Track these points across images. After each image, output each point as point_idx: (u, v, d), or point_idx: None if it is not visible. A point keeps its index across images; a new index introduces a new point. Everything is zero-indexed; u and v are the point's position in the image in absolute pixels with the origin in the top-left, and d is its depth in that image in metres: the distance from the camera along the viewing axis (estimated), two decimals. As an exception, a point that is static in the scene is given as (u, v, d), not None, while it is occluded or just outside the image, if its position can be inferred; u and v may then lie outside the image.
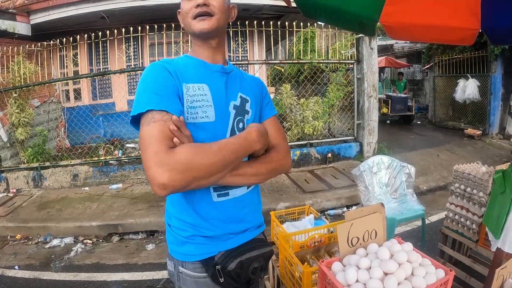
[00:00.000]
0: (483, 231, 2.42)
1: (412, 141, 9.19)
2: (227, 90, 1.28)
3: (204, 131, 1.19)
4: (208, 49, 1.28)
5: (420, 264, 1.30)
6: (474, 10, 2.21)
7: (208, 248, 1.24)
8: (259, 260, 1.28)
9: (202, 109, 1.19)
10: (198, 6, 1.18)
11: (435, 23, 2.31)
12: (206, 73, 1.25)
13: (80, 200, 5.31)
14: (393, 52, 15.66)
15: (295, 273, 2.00)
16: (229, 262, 1.21)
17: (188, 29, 1.24)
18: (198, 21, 1.20)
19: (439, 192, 5.66)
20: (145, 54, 8.09)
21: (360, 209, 1.47)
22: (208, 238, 1.24)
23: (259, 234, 1.39)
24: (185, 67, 1.23)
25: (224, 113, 1.25)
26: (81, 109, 7.34)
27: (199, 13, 1.19)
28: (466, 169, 2.65)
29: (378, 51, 7.14)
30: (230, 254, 1.23)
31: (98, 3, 6.74)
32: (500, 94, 9.33)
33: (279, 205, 4.79)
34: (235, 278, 1.23)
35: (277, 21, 6.48)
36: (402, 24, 2.31)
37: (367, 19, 2.22)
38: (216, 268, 1.21)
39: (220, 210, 1.24)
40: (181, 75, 1.19)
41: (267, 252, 1.32)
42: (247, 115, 1.33)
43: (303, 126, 6.68)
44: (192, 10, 1.20)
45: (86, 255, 4.01)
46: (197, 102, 1.18)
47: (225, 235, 1.26)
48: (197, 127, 1.17)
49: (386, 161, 3.80)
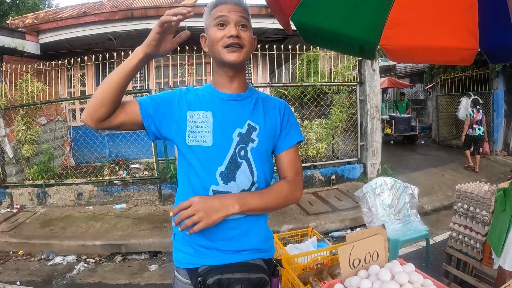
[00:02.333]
0: (487, 250, 2.41)
1: (416, 161, 9.18)
2: (233, 117, 1.31)
3: (200, 153, 1.26)
4: (227, 77, 1.33)
5: (422, 285, 1.31)
6: (472, 30, 2.25)
7: (193, 259, 1.29)
8: (242, 283, 1.26)
9: (201, 134, 1.26)
10: (230, 37, 1.22)
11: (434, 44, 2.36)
12: (215, 101, 1.31)
13: (84, 219, 5.32)
14: (396, 73, 15.81)
15: (298, 295, 1.99)
16: (209, 277, 1.24)
17: (217, 57, 1.27)
18: (228, 51, 1.24)
19: (444, 211, 5.62)
20: (151, 76, 8.22)
21: (361, 231, 1.49)
22: (195, 250, 1.29)
23: (256, 259, 1.35)
24: (200, 96, 1.32)
25: (225, 140, 1.28)
26: (87, 129, 7.39)
27: (231, 44, 1.23)
28: (468, 188, 2.65)
29: (380, 72, 7.21)
30: (211, 270, 1.26)
31: (105, 25, 6.90)
32: (503, 110, 9.39)
33: (282, 227, 4.77)
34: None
35: (281, 44, 6.59)
36: (402, 46, 2.36)
37: (367, 43, 2.26)
38: (198, 278, 1.26)
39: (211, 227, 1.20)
40: (190, 103, 1.29)
41: (255, 278, 1.29)
42: (252, 143, 1.32)
43: (307, 148, 6.69)
44: (224, 40, 1.23)
45: (89, 274, 4.00)
46: (197, 128, 1.26)
47: (211, 250, 1.29)
48: (194, 150, 1.26)
49: (389, 182, 3.80)
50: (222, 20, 1.24)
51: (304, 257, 2.27)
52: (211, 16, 1.28)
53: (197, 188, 1.27)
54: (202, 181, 1.26)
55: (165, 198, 5.91)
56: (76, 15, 6.98)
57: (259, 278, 1.30)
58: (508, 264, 1.66)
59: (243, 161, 1.30)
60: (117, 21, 6.86)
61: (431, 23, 2.25)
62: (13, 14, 12.75)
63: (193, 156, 1.26)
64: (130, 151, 6.88)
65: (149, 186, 6.01)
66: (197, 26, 6.65)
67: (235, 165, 1.28)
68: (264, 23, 7.30)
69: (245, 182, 1.30)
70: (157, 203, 5.92)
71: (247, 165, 1.31)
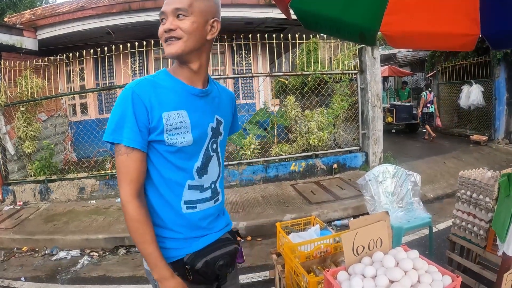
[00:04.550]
0: (491, 237, 2.40)
1: (418, 149, 9.16)
2: (205, 113, 1.35)
3: (181, 153, 1.28)
4: (187, 71, 1.31)
5: (426, 271, 1.30)
6: (473, 16, 2.22)
7: (176, 252, 1.32)
8: (224, 258, 1.35)
9: (181, 135, 1.25)
10: (164, 32, 1.23)
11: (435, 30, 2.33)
12: (185, 98, 1.29)
13: (87, 213, 5.33)
14: (396, 61, 15.70)
15: (301, 284, 1.99)
16: (196, 262, 1.30)
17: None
18: (167, 45, 1.24)
19: (447, 199, 5.61)
20: (150, 68, 8.20)
21: (364, 217, 1.48)
22: (175, 242, 1.33)
23: (225, 233, 1.47)
24: (165, 91, 1.26)
25: (202, 136, 1.33)
26: (87, 123, 7.40)
27: (167, 38, 1.23)
28: (471, 175, 2.64)
29: (381, 61, 7.16)
30: (196, 255, 1.32)
31: (103, 19, 6.86)
32: (504, 98, 9.30)
33: (285, 216, 4.77)
34: (203, 275, 1.32)
35: (280, 33, 6.55)
36: (402, 32, 2.33)
37: (367, 29, 2.24)
38: (185, 268, 1.30)
39: (187, 220, 1.33)
40: (160, 103, 1.24)
41: (231, 250, 1.39)
42: (220, 136, 1.42)
43: (308, 137, 6.68)
44: (163, 35, 1.24)
45: (93, 267, 4.02)
46: (176, 130, 1.25)
47: (189, 239, 1.34)
48: (174, 150, 1.26)
49: (391, 170, 3.79)
50: (162, 16, 1.24)
51: (307, 245, 2.27)
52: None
53: (172, 184, 1.30)
54: (179, 178, 1.30)
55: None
56: (74, 9, 6.91)
57: (233, 249, 1.41)
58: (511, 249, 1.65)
59: (214, 154, 1.39)
60: (114, 14, 6.83)
61: (431, 9, 2.22)
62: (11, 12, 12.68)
63: (172, 155, 1.27)
64: (131, 144, 6.88)
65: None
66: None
67: (208, 159, 1.36)
68: (263, 12, 7.26)
69: (215, 174, 1.40)
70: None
71: (216, 158, 1.40)
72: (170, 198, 1.30)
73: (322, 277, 1.80)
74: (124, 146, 1.19)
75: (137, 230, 1.21)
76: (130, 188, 1.21)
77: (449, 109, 11.33)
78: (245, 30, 5.44)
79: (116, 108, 1.22)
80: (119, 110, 1.20)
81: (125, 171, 1.21)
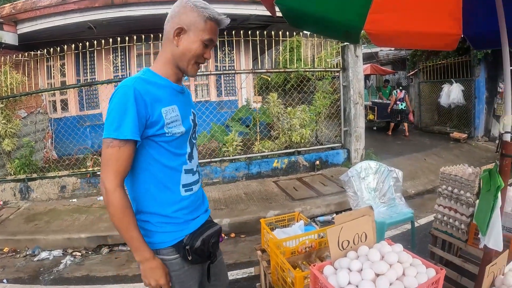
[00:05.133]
0: (472, 231, 2.47)
1: (399, 146, 9.31)
2: (186, 107, 1.52)
3: (177, 142, 1.44)
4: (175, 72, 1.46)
5: (411, 264, 1.33)
6: (456, 16, 2.27)
7: (177, 234, 1.44)
8: (214, 236, 1.51)
9: (177, 127, 1.41)
10: (205, 59, 1.44)
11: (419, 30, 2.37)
12: (174, 95, 1.46)
13: (69, 212, 5.23)
14: (378, 60, 15.89)
15: (287, 279, 2.01)
16: (195, 241, 1.43)
17: (183, 65, 1.42)
18: (196, 69, 1.46)
19: (427, 195, 5.74)
20: (132, 64, 8.08)
21: (349, 212, 1.50)
22: (176, 226, 1.45)
23: (208, 217, 1.65)
24: (159, 89, 1.39)
25: (188, 126, 1.50)
26: (68, 120, 7.28)
27: (200, 63, 1.45)
28: (452, 171, 2.70)
29: (363, 59, 7.24)
30: (193, 235, 1.46)
31: (85, 13, 6.73)
32: (484, 97, 9.55)
33: (268, 213, 4.79)
34: (200, 254, 1.44)
35: (264, 30, 6.54)
36: (386, 31, 2.37)
37: (352, 27, 2.26)
38: (185, 248, 1.42)
39: (185, 203, 1.48)
40: (159, 100, 1.37)
41: (218, 229, 1.56)
42: (196, 127, 1.60)
43: (291, 134, 6.72)
44: (200, 58, 1.42)
45: (76, 267, 3.95)
46: (172, 122, 1.39)
47: (187, 221, 1.48)
48: (172, 139, 1.41)
49: (373, 166, 3.85)
50: (210, 43, 1.41)
51: (292, 241, 2.29)
52: (203, 26, 1.37)
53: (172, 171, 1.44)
54: (177, 163, 1.45)
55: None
56: (55, 3, 6.75)
57: (219, 228, 1.57)
58: (492, 242, 1.70)
59: (195, 142, 1.59)
60: (97, 9, 6.70)
61: (415, 9, 2.25)
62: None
63: (170, 144, 1.41)
64: (113, 141, 6.79)
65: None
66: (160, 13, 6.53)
67: (192, 146, 1.55)
68: (247, 9, 7.25)
69: (196, 159, 1.60)
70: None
71: (195, 145, 1.60)
72: (171, 184, 1.44)
73: (308, 272, 1.81)
74: (118, 140, 1.27)
75: (123, 217, 1.30)
76: (116, 178, 1.29)
77: (430, 107, 11.56)
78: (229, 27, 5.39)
79: (116, 105, 1.30)
80: (120, 107, 1.29)
81: (114, 162, 1.28)
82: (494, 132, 9.55)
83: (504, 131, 1.73)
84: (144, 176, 1.41)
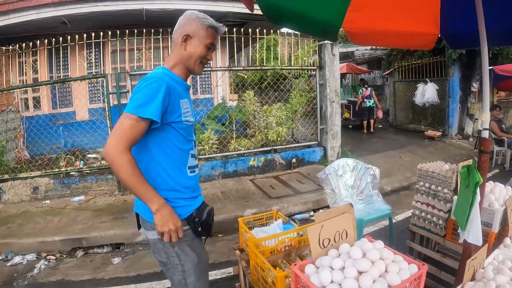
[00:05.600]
0: (450, 226, 2.51)
1: (375, 144, 9.45)
2: (190, 102, 1.76)
3: (189, 130, 1.70)
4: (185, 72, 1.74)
5: (393, 261, 1.33)
6: (434, 16, 2.31)
7: (188, 208, 1.69)
8: (211, 212, 1.78)
9: (189, 117, 1.68)
10: (208, 60, 1.74)
11: (397, 29, 2.40)
12: (185, 91, 1.74)
13: (42, 214, 5.05)
14: (354, 59, 16.08)
15: (268, 279, 1.98)
16: (202, 213, 1.71)
17: (191, 65, 1.70)
18: (202, 67, 1.74)
19: (403, 192, 5.85)
20: (107, 61, 7.89)
21: (329, 210, 1.49)
22: (187, 201, 1.70)
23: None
24: (177, 85, 1.65)
25: (194, 118, 1.77)
26: (40, 118, 7.00)
27: (204, 63, 1.74)
28: (430, 167, 2.74)
29: (339, 58, 7.30)
30: (199, 209, 1.73)
31: (59, 7, 6.50)
32: (458, 97, 9.86)
33: (245, 211, 4.76)
34: (205, 225, 1.71)
35: (241, 28, 6.50)
36: (364, 30, 2.38)
37: (330, 25, 2.26)
38: (195, 220, 1.68)
39: (191, 182, 1.73)
40: (179, 93, 1.64)
41: (212, 207, 1.80)
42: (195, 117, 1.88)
43: (267, 132, 6.70)
44: (204, 58, 1.71)
45: (50, 272, 3.80)
46: (187, 113, 1.67)
47: (194, 197, 1.75)
48: (187, 126, 1.67)
49: (350, 163, 3.88)
50: (212, 46, 1.71)
51: (271, 240, 2.27)
52: (205, 33, 1.67)
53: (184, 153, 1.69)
54: (188, 147, 1.71)
55: (124, 187, 5.71)
56: (28, -3, 6.51)
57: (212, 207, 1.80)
58: (472, 237, 1.74)
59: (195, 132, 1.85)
60: (71, 3, 6.49)
61: (394, 8, 2.27)
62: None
63: (184, 131, 1.66)
64: (86, 140, 6.60)
65: (107, 176, 5.81)
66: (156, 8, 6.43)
67: (195, 134, 1.82)
68: (225, 6, 7.19)
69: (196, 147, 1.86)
70: (117, 193, 5.73)
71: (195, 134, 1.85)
72: (181, 164, 1.68)
73: (289, 272, 1.80)
74: (137, 116, 1.46)
75: (134, 173, 1.46)
76: (126, 144, 1.45)
77: (405, 105, 11.80)
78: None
79: (147, 89, 1.51)
80: (150, 92, 1.50)
81: (129, 131, 1.46)
82: (468, 130, 9.87)
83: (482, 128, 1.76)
84: (161, 157, 1.62)
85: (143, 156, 1.62)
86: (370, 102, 11.07)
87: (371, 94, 11.10)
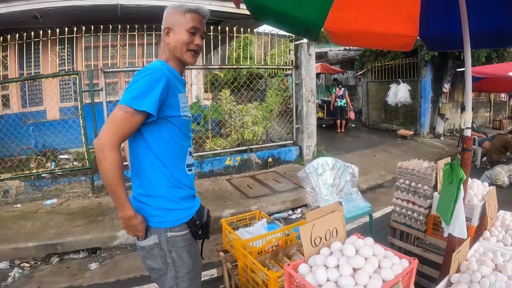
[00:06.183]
0: (431, 221, 2.59)
1: (349, 143, 9.60)
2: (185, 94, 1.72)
3: (186, 125, 1.66)
4: (181, 66, 1.69)
5: (385, 257, 1.35)
6: (413, 18, 2.37)
7: (189, 211, 1.65)
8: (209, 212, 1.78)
9: (187, 112, 1.66)
10: (196, 45, 1.63)
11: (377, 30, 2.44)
12: (182, 85, 1.69)
13: (13, 218, 4.82)
14: (327, 59, 16.32)
15: (257, 279, 1.97)
16: (202, 216, 1.69)
17: (179, 55, 1.62)
18: (191, 55, 1.64)
19: (379, 189, 5.97)
20: (80, 57, 7.65)
21: (319, 209, 1.50)
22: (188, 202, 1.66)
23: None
24: (175, 79, 1.60)
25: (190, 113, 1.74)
26: (10, 118, 6.69)
27: (194, 50, 1.64)
28: (409, 165, 2.82)
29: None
30: (199, 212, 1.69)
31: (30, 1, 6.23)
32: (430, 97, 10.19)
33: (224, 212, 4.73)
34: (204, 228, 1.70)
35: (217, 26, 6.45)
36: (345, 30, 2.41)
37: (312, 25, 2.27)
38: (196, 223, 1.64)
39: (189, 180, 1.69)
40: (177, 87, 1.60)
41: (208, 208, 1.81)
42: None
43: (243, 131, 6.67)
44: (191, 45, 1.61)
45: (25, 280, 3.62)
46: (185, 107, 1.64)
47: (194, 198, 1.73)
48: (185, 121, 1.63)
49: (330, 162, 3.93)
50: (194, 30, 1.61)
51: (257, 240, 2.26)
52: (184, 19, 1.60)
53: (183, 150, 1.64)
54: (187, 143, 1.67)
55: (98, 189, 5.57)
56: (-2, -11, 6.20)
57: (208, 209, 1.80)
58: (457, 231, 1.80)
59: None
60: (43, -4, 6.25)
61: (375, 9, 2.31)
62: None
63: (183, 126, 1.61)
64: (58, 140, 6.37)
65: (80, 178, 5.63)
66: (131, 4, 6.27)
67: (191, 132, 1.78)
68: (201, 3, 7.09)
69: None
70: (91, 195, 5.55)
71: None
72: (180, 161, 1.63)
73: (282, 272, 1.80)
74: (133, 108, 1.40)
75: (115, 172, 1.40)
76: (117, 139, 1.39)
77: (378, 105, 12.06)
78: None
79: (146, 80, 1.45)
80: (149, 84, 1.45)
81: (122, 125, 1.40)
82: (439, 130, 10.21)
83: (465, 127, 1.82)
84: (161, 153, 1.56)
85: (141, 151, 1.56)
86: (342, 102, 11.28)
87: (344, 94, 11.30)
